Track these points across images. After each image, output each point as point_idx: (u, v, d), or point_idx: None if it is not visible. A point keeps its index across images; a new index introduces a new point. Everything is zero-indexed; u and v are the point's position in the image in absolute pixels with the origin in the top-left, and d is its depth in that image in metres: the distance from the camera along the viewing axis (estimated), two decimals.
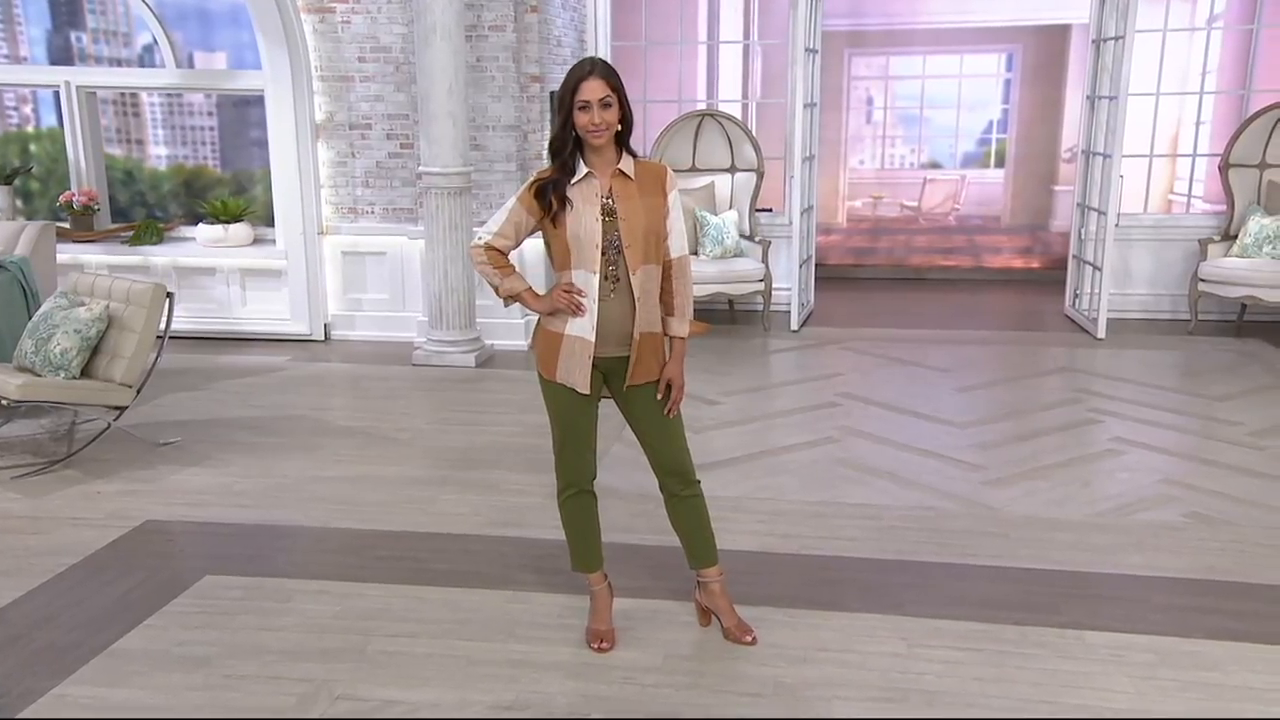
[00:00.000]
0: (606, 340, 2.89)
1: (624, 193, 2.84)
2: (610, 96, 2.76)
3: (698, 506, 3.13)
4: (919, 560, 3.70)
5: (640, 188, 2.86)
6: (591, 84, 2.75)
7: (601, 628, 3.13)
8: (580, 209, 2.82)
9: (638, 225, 2.84)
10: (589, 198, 2.83)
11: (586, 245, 2.82)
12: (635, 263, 2.85)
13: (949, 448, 4.84)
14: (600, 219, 2.82)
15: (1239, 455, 4.67)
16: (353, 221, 6.91)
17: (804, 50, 7.03)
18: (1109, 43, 6.86)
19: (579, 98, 2.75)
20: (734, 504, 4.18)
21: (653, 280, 2.90)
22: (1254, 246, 6.72)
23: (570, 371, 2.90)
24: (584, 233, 2.81)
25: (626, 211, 2.83)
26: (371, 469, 4.59)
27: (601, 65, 2.80)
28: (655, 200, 2.88)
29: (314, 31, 6.63)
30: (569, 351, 2.89)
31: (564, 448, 3.04)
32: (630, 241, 2.84)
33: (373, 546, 3.81)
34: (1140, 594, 3.42)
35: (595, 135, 2.77)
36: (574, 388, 2.91)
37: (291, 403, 5.62)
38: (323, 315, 6.97)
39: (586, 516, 3.12)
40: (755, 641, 3.10)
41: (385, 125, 6.74)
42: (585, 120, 2.75)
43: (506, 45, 6.48)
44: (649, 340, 2.93)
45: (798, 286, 7.23)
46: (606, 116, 2.76)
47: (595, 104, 2.74)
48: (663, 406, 2.98)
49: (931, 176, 11.22)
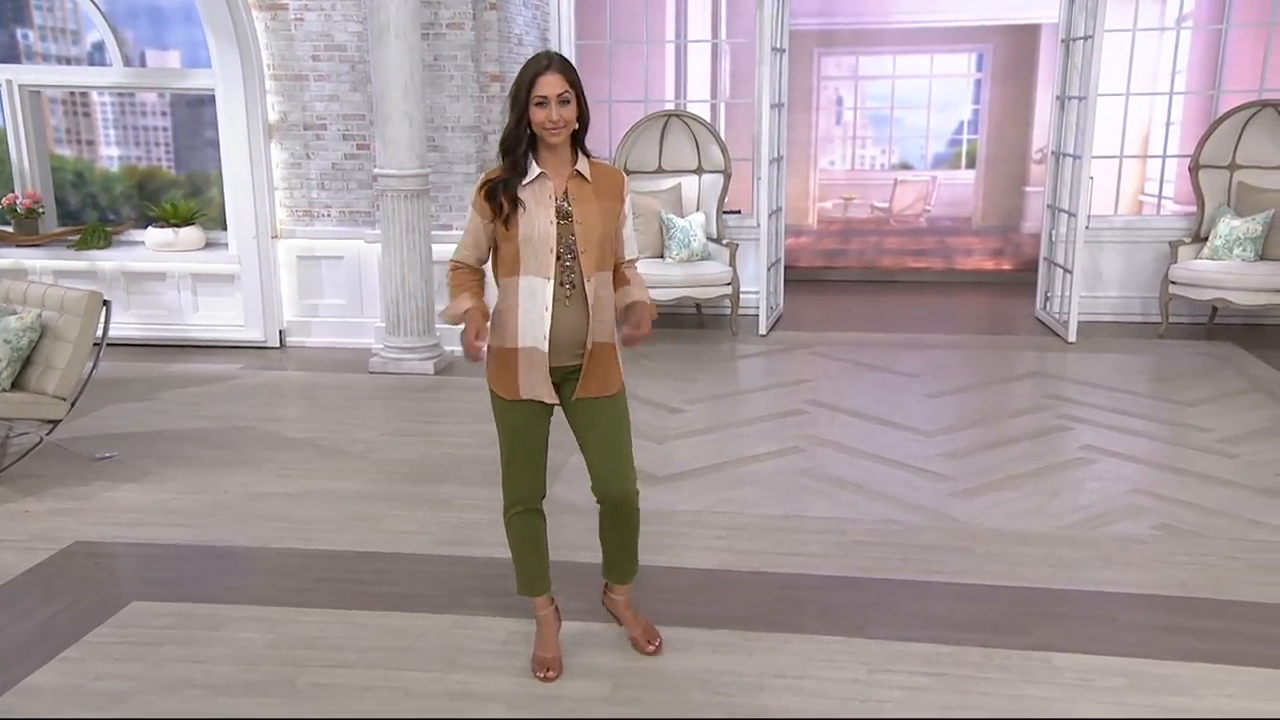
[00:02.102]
0: (559, 350, 2.76)
1: (581, 195, 2.72)
2: (568, 93, 2.63)
3: (632, 523, 3.00)
4: (883, 578, 3.57)
5: (597, 190, 2.74)
6: (549, 79, 2.62)
7: (547, 655, 2.98)
8: (533, 211, 2.69)
9: (594, 229, 2.72)
10: (542, 199, 2.69)
11: (540, 249, 2.68)
12: (590, 268, 2.73)
13: (916, 457, 4.72)
14: (555, 222, 2.69)
15: (1210, 463, 4.57)
16: (308, 225, 6.71)
17: (770, 49, 6.90)
18: (1078, 42, 6.78)
19: (536, 93, 2.62)
20: (694, 518, 4.04)
21: (606, 287, 2.79)
22: (1224, 248, 6.65)
23: (533, 386, 2.76)
24: (537, 236, 2.68)
25: (583, 215, 2.71)
26: (318, 484, 4.41)
27: (559, 59, 2.68)
28: (612, 205, 2.77)
29: (266, 29, 6.43)
30: (526, 364, 2.74)
31: (512, 464, 2.88)
32: (586, 246, 2.71)
33: (313, 568, 3.63)
34: (1109, 612, 3.31)
35: (552, 133, 2.64)
36: (540, 399, 2.77)
37: (240, 414, 5.42)
38: (277, 321, 6.77)
39: (534, 536, 2.96)
40: (658, 650, 3.02)
41: (341, 126, 6.55)
42: (542, 117, 2.62)
43: (465, 44, 6.31)
44: (602, 351, 2.80)
45: (765, 290, 7.10)
46: (564, 113, 2.63)
47: (553, 100, 2.61)
48: (619, 420, 2.87)
49: (902, 178, 11.14)
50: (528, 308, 2.71)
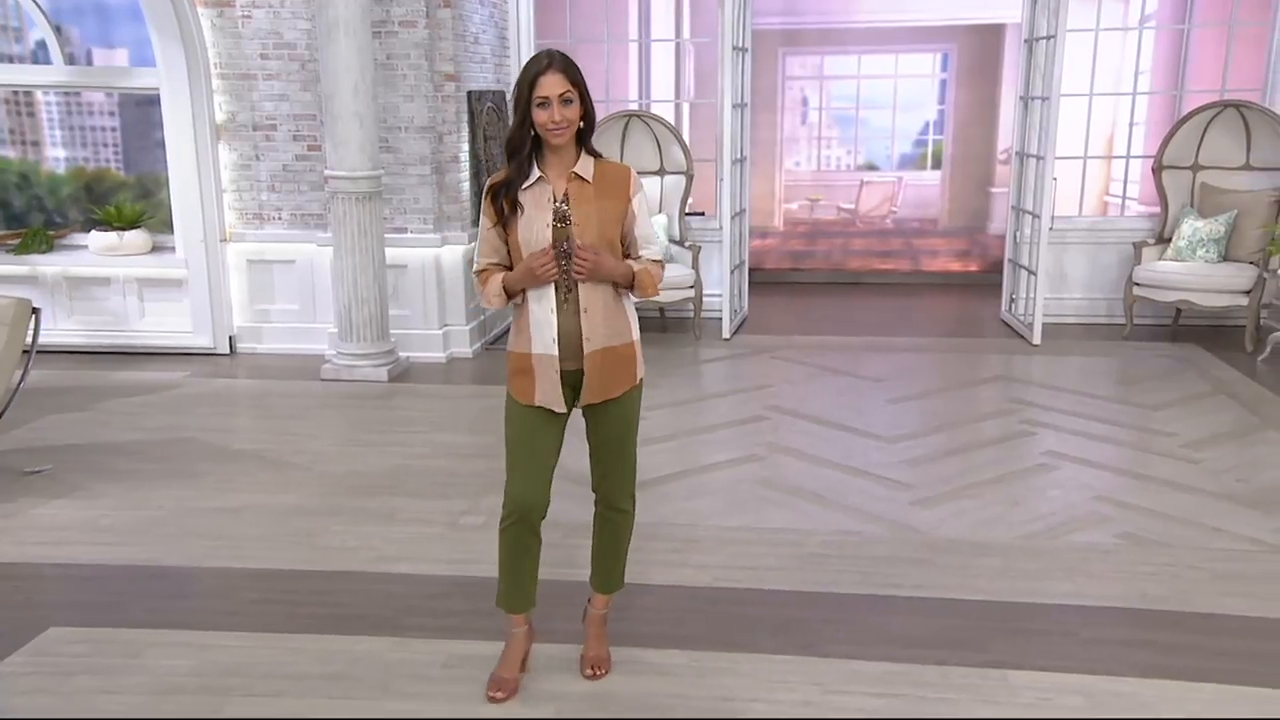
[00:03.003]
0: (566, 354, 2.70)
1: (580, 197, 2.65)
2: (571, 92, 2.57)
3: (623, 529, 2.96)
4: (839, 592, 3.46)
5: (598, 191, 2.66)
6: (550, 78, 2.55)
7: (505, 675, 2.88)
8: (531, 214, 2.64)
9: (589, 232, 2.63)
10: (541, 203, 2.65)
11: None
12: None
13: (877, 465, 4.62)
14: (551, 225, 2.63)
15: (1173, 469, 4.51)
16: (258, 228, 6.52)
17: (732, 49, 6.79)
18: (1041, 42, 6.72)
19: (537, 93, 2.55)
20: (649, 530, 3.90)
21: (609, 291, 2.69)
22: (1188, 250, 6.62)
23: (546, 393, 2.71)
24: (535, 240, 2.63)
25: (580, 217, 2.64)
26: (258, 498, 4.24)
27: (560, 58, 2.60)
28: (613, 205, 2.67)
29: (212, 27, 6.23)
30: (540, 371, 2.70)
31: (513, 470, 2.78)
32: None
33: (246, 588, 3.47)
34: (1069, 626, 3.22)
35: (555, 134, 2.58)
36: (551, 408, 2.72)
37: (183, 424, 5.24)
38: (227, 327, 6.57)
39: (521, 553, 2.83)
40: (595, 678, 2.92)
41: (291, 126, 6.37)
42: (544, 118, 2.56)
43: (418, 42, 6.15)
44: (605, 356, 2.71)
45: (729, 293, 7.00)
46: (567, 113, 2.57)
47: (555, 100, 2.55)
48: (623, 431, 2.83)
49: (868, 178, 11.06)
50: (535, 312, 2.68)
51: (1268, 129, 6.68)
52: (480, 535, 3.90)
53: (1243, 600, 3.34)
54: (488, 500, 4.20)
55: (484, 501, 4.20)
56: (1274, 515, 4.00)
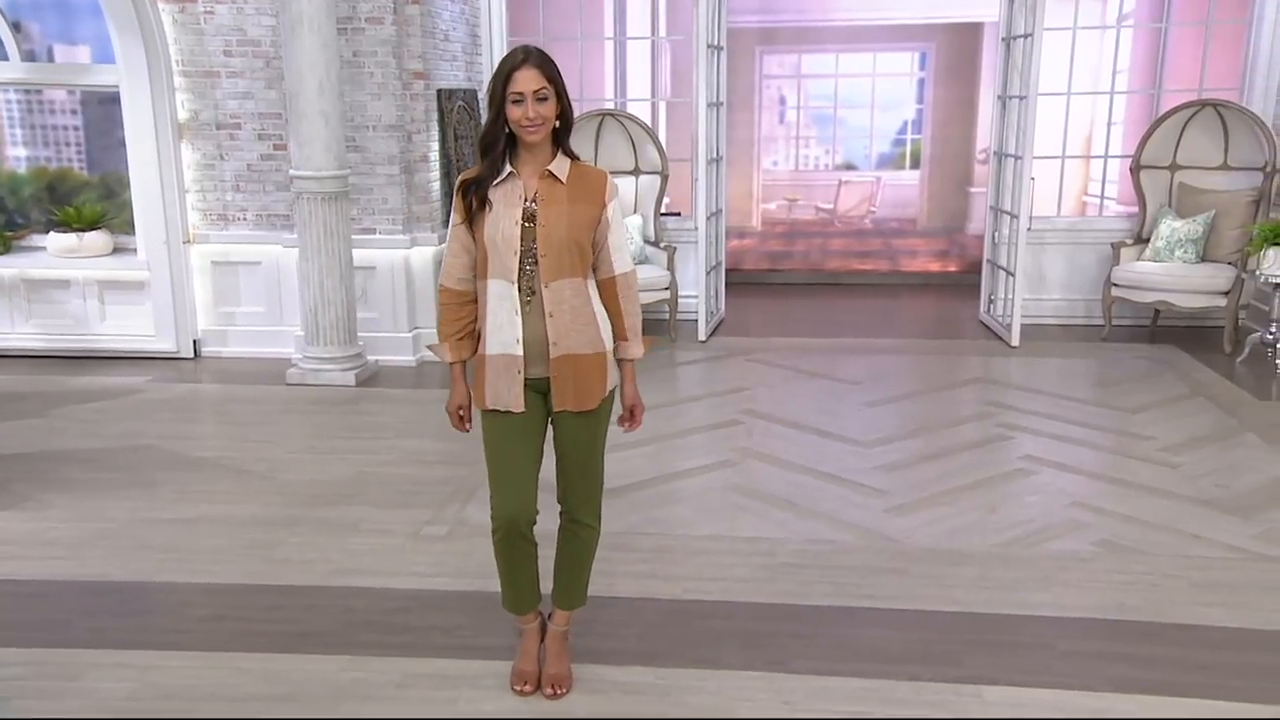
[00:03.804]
0: (533, 359, 2.64)
1: (550, 196, 2.57)
2: (546, 89, 2.50)
3: (587, 544, 2.87)
4: (810, 604, 3.36)
5: (571, 193, 2.59)
6: (525, 74, 2.49)
7: (526, 668, 2.87)
8: (500, 211, 2.58)
9: (557, 233, 2.56)
10: (511, 200, 2.58)
11: (504, 252, 2.57)
12: (549, 274, 2.58)
13: (852, 470, 4.53)
14: (520, 224, 2.56)
15: (1151, 474, 4.44)
16: (223, 229, 6.38)
17: (706, 47, 6.69)
18: (1018, 41, 6.66)
19: (511, 89, 2.49)
20: (617, 540, 3.80)
21: (578, 295, 2.62)
22: (1166, 250, 6.57)
23: (500, 394, 2.65)
24: (501, 238, 2.57)
25: (548, 217, 2.56)
26: (214, 508, 4.11)
27: (537, 54, 2.54)
28: (586, 209, 2.60)
29: (174, 23, 6.08)
30: (495, 371, 2.64)
31: (492, 480, 2.72)
32: (546, 250, 2.57)
33: (196, 604, 3.34)
34: (1045, 638, 3.13)
35: (529, 131, 2.51)
36: (509, 409, 2.64)
37: (141, 431, 5.09)
38: (191, 331, 6.42)
39: (520, 559, 2.78)
40: (554, 697, 2.82)
41: (256, 125, 6.22)
42: (519, 114, 2.49)
43: (386, 39, 6.01)
44: (573, 363, 2.64)
45: (704, 295, 6.90)
46: (542, 110, 2.50)
47: (530, 96, 2.48)
48: (589, 444, 2.76)
49: (846, 178, 11.00)
50: (496, 312, 2.61)
51: (1245, 129, 6.64)
52: (443, 546, 3.79)
53: (1221, 610, 3.26)
54: (452, 509, 4.09)
55: (448, 511, 4.08)
56: (1252, 521, 3.93)
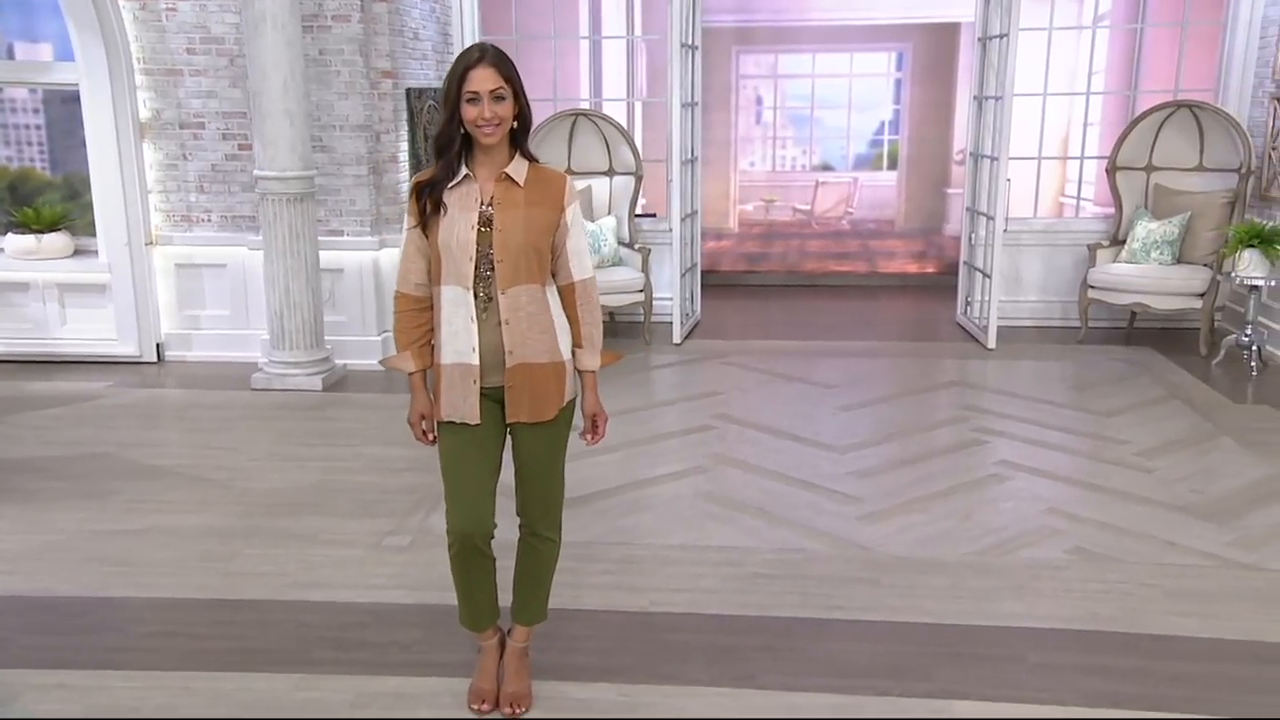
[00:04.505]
0: (490, 368, 2.55)
1: (507, 200, 2.50)
2: (503, 88, 2.42)
3: (547, 558, 2.78)
4: (779, 616, 3.29)
5: (529, 196, 2.51)
6: (481, 73, 2.41)
7: (484, 686, 2.78)
8: (455, 215, 2.49)
9: (514, 238, 2.48)
10: (467, 203, 2.49)
11: (459, 257, 2.49)
12: (505, 280, 2.49)
13: (826, 477, 4.45)
14: (475, 228, 2.48)
15: (1127, 479, 4.38)
16: (186, 231, 6.24)
17: (680, 46, 6.61)
18: (994, 41, 6.61)
19: (467, 88, 2.41)
20: (583, 550, 3.72)
21: (535, 303, 2.54)
22: (1142, 252, 6.54)
23: (455, 404, 2.56)
24: (456, 243, 2.48)
25: (504, 222, 2.48)
26: (169, 519, 3.99)
27: (493, 52, 2.46)
28: (544, 213, 2.52)
29: (134, 20, 5.94)
30: (450, 381, 2.55)
31: (447, 493, 2.63)
32: (502, 256, 2.48)
33: (144, 620, 3.23)
34: (1017, 650, 3.07)
35: (485, 132, 2.43)
36: (464, 420, 2.55)
37: (98, 438, 4.96)
38: (154, 334, 6.28)
39: (477, 574, 2.69)
40: (513, 715, 2.73)
41: (220, 124, 6.09)
42: (474, 114, 2.42)
43: (352, 37, 5.90)
44: (529, 373, 2.55)
45: (679, 297, 6.82)
46: (499, 111, 2.42)
47: (485, 96, 2.40)
48: (548, 456, 2.68)
49: (824, 179, 10.94)
50: (451, 319, 2.53)
51: (1220, 130, 6.62)
52: (404, 557, 3.69)
53: (1195, 620, 3.21)
54: (415, 519, 3.99)
55: (411, 520, 3.98)
56: (1227, 527, 3.88)
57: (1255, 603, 3.33)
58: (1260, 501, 4.12)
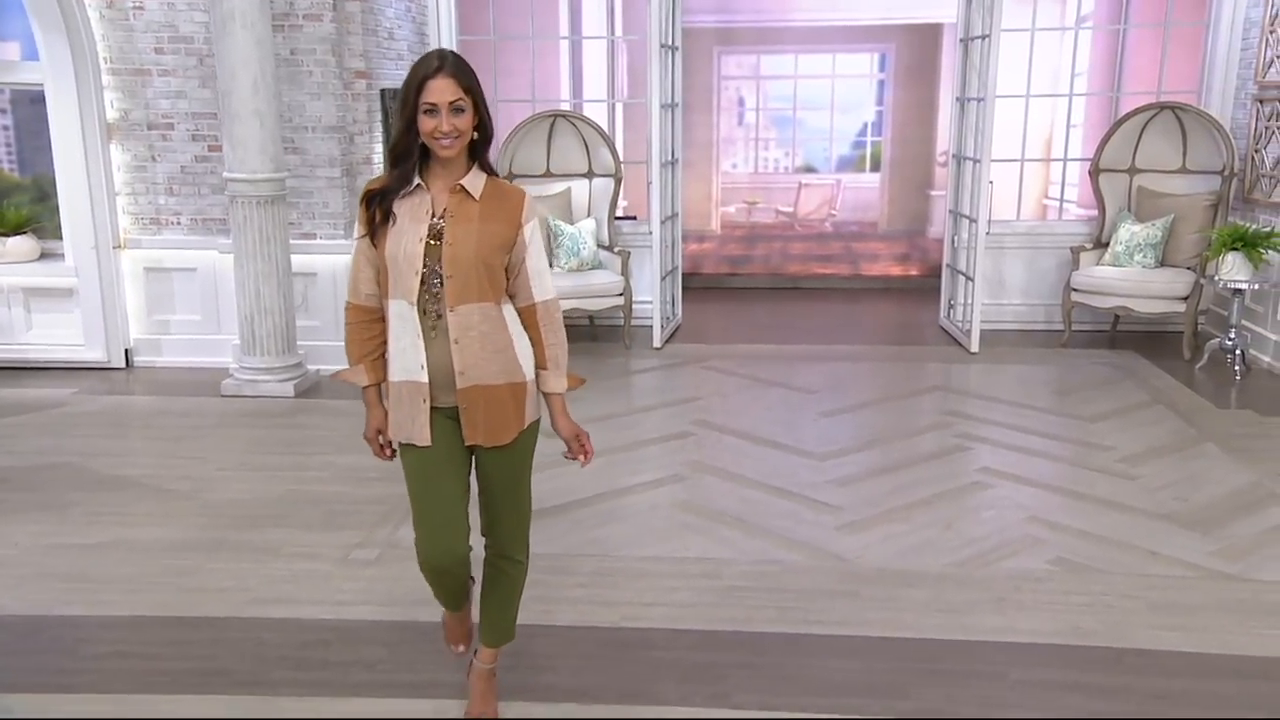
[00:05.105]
0: (440, 387, 2.42)
1: (460, 213, 2.36)
2: (463, 99, 2.30)
3: (515, 580, 2.67)
4: (754, 631, 3.20)
5: (483, 211, 2.38)
6: (440, 83, 2.28)
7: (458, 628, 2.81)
8: (404, 227, 2.36)
9: (464, 254, 2.35)
10: (417, 215, 2.37)
11: (405, 271, 2.36)
12: (454, 297, 2.36)
13: (805, 485, 4.37)
14: (424, 241, 2.35)
15: (1110, 486, 4.32)
16: (155, 234, 6.11)
17: (660, 46, 6.52)
18: (976, 42, 6.55)
19: (424, 99, 2.28)
20: (555, 563, 3.62)
21: (488, 321, 2.39)
22: (1125, 255, 6.48)
23: (402, 425, 2.45)
24: (403, 256, 2.35)
25: (455, 236, 2.35)
26: (129, 532, 3.87)
27: (453, 60, 2.32)
28: (498, 229, 2.38)
29: (101, 18, 5.81)
30: (399, 400, 2.44)
31: (418, 522, 2.51)
32: (451, 271, 2.35)
33: (96, 640, 3.11)
34: (998, 666, 2.99)
35: (443, 145, 2.31)
36: (412, 442, 2.45)
37: (60, 447, 4.83)
38: (122, 340, 6.15)
39: (451, 588, 2.61)
40: None
41: (190, 125, 5.97)
42: (431, 126, 2.29)
43: (325, 36, 5.79)
44: (484, 394, 2.42)
45: (659, 301, 6.73)
46: (458, 123, 2.30)
47: (444, 108, 2.28)
48: (510, 479, 2.56)
49: (806, 181, 10.87)
50: (399, 335, 2.41)
51: (1203, 131, 6.57)
52: (372, 572, 3.58)
53: (1179, 634, 3.14)
54: (384, 531, 3.89)
55: (379, 533, 3.88)
56: (1211, 537, 3.82)
57: (1238, 615, 3.26)
58: (1243, 510, 4.06)
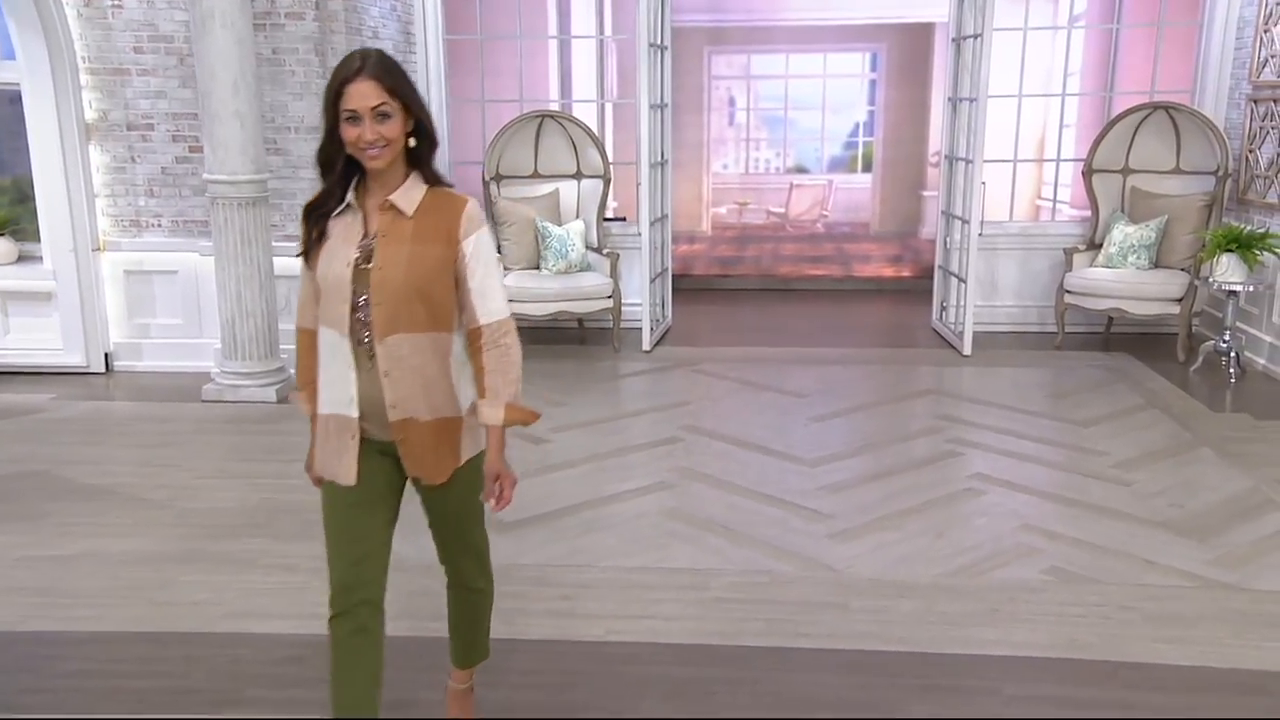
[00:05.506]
0: (374, 421, 2.23)
1: (392, 233, 2.15)
2: (388, 104, 2.08)
3: (477, 606, 2.55)
4: (741, 644, 3.12)
5: (418, 229, 2.16)
6: (360, 87, 2.07)
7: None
8: (334, 247, 2.17)
9: (394, 278, 2.13)
10: (349, 235, 2.17)
11: (334, 297, 2.17)
12: (383, 327, 2.15)
13: (795, 492, 4.29)
14: (352, 265, 2.15)
15: (1104, 492, 4.25)
16: (136, 236, 6.02)
17: (649, 46, 6.43)
18: (968, 41, 6.48)
19: (344, 105, 2.08)
20: (537, 574, 3.54)
21: (420, 354, 2.18)
22: (1119, 256, 6.42)
23: (328, 461, 2.25)
24: (332, 280, 2.16)
25: (385, 258, 2.14)
26: (102, 543, 3.78)
27: (377, 60, 2.11)
28: (433, 249, 2.16)
29: (79, 17, 5.72)
30: (324, 434, 2.26)
31: (331, 559, 2.27)
32: (380, 298, 2.14)
33: (61, 657, 3.02)
34: (991, 682, 2.91)
35: (370, 156, 2.10)
36: (336, 480, 2.24)
37: (34, 455, 4.73)
38: (102, 344, 6.06)
39: (356, 654, 2.24)
40: None
41: (170, 125, 5.87)
42: (353, 135, 2.08)
43: (307, 35, 5.70)
44: (417, 430, 2.22)
45: (649, 303, 6.64)
46: (384, 130, 2.08)
47: (366, 114, 2.07)
48: (455, 516, 2.39)
49: (798, 181, 10.80)
50: (328, 365, 2.23)
51: (1197, 131, 6.51)
52: None
53: (1176, 647, 3.06)
54: None
55: None
56: (1207, 545, 3.75)
57: (1236, 626, 3.19)
58: (1240, 516, 4.00)
